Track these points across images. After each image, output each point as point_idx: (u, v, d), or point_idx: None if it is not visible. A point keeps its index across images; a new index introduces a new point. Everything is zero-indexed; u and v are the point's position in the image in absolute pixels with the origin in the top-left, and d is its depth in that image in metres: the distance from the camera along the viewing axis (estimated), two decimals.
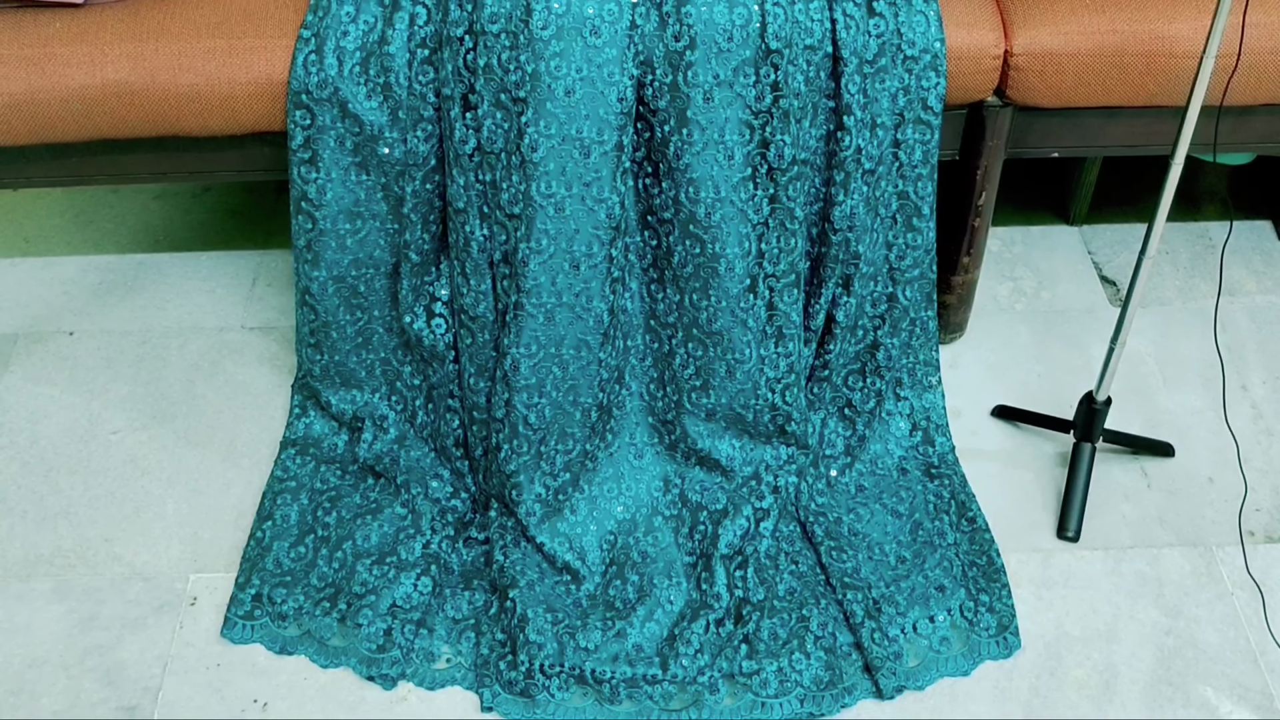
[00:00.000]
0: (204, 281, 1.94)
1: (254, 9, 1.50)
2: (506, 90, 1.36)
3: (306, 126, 1.45)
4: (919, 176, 1.50)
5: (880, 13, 1.41)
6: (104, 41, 1.47)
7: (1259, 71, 1.50)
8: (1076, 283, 1.91)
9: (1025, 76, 1.52)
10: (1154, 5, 1.51)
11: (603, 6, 1.35)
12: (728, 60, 1.36)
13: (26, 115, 1.48)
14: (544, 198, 1.38)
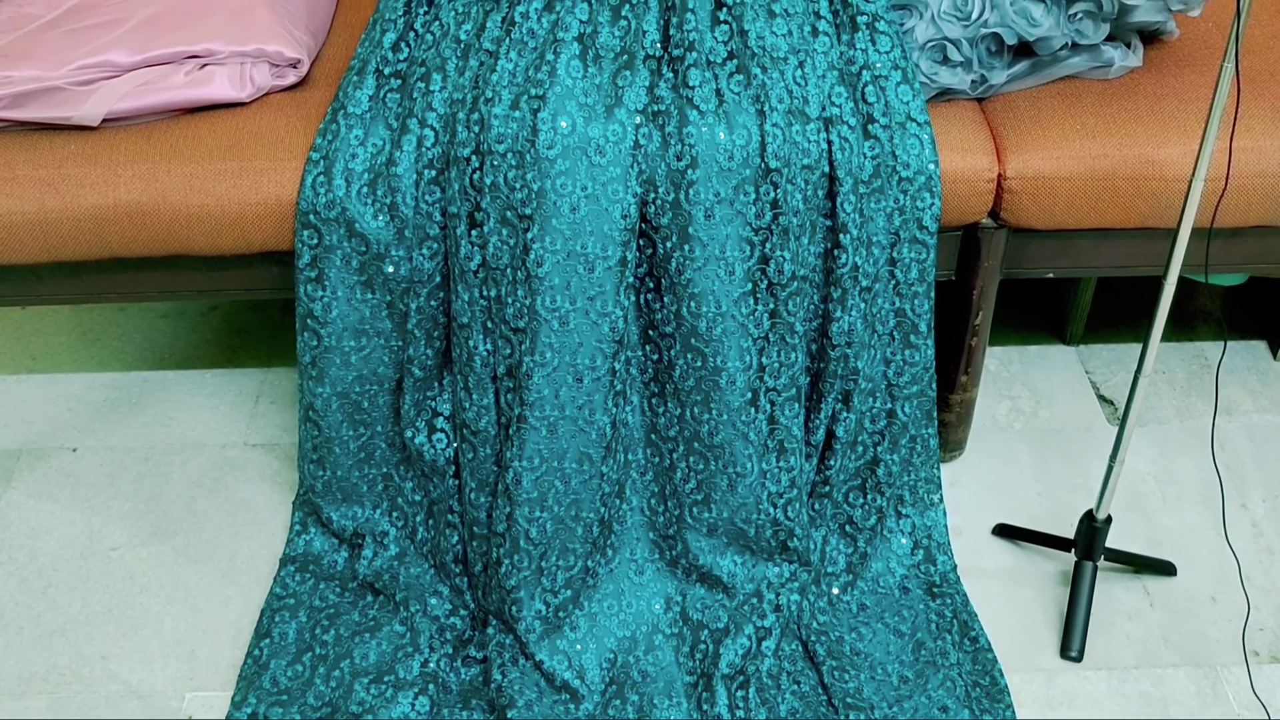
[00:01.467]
0: (208, 399, 1.95)
1: (265, 132, 1.54)
2: (512, 208, 1.39)
3: (314, 246, 1.48)
4: (915, 294, 1.52)
5: (875, 135, 1.45)
6: (117, 163, 1.50)
7: (1248, 194, 1.54)
8: (1074, 402, 1.92)
9: (1019, 199, 1.55)
10: (1143, 131, 1.54)
11: (607, 127, 1.38)
12: (728, 179, 1.39)
13: (39, 234, 1.51)
14: (549, 312, 1.40)
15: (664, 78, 1.43)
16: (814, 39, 1.48)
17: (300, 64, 1.61)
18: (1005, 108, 1.59)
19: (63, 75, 1.52)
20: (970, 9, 1.53)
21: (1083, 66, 1.60)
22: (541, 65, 1.41)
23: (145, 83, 1.53)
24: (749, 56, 1.43)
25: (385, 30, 1.53)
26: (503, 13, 1.48)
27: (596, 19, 1.45)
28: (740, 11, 1.45)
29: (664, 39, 1.45)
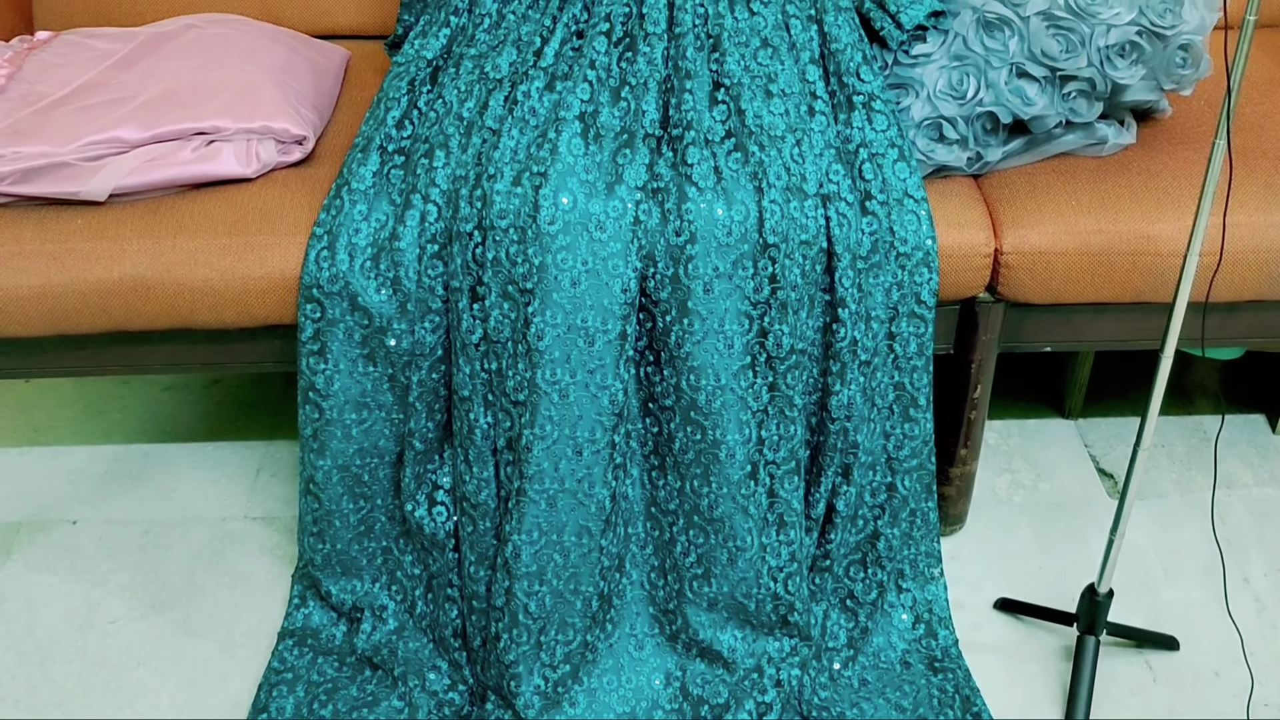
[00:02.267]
0: (209, 472, 1.95)
1: (270, 207, 1.56)
2: (514, 282, 1.41)
3: (317, 319, 1.49)
4: (914, 368, 1.53)
5: (873, 211, 1.47)
6: (123, 237, 1.52)
7: (1242, 269, 1.55)
8: (1074, 475, 1.93)
9: (1015, 274, 1.57)
10: (1138, 206, 1.56)
11: (607, 203, 1.40)
12: (727, 254, 1.40)
13: (44, 307, 1.52)
14: (549, 384, 1.41)
15: (663, 156, 1.45)
16: (811, 118, 1.50)
17: (305, 141, 1.63)
18: (1001, 184, 1.61)
19: (71, 151, 1.54)
20: (965, 88, 1.55)
21: (1077, 144, 1.62)
22: (544, 143, 1.44)
23: (152, 159, 1.55)
24: (747, 135, 1.45)
25: (389, 108, 1.56)
26: (505, 92, 1.50)
27: (597, 99, 1.47)
28: (738, 92, 1.47)
29: (663, 118, 1.47)
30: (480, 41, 1.58)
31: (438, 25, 1.63)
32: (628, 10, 1.53)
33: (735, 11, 1.54)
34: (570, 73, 1.49)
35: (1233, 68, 1.26)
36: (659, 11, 1.52)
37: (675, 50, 1.51)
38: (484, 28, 1.59)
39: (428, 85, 1.58)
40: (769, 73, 1.51)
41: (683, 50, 1.50)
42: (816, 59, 1.56)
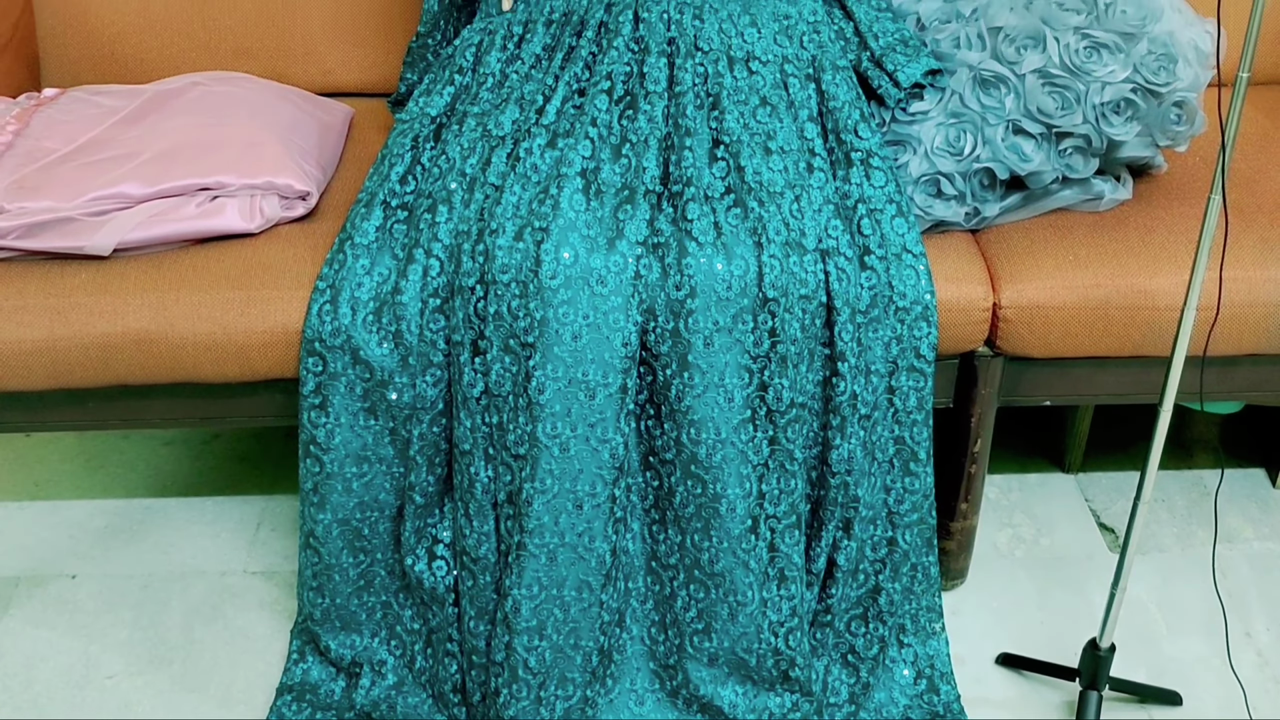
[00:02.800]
0: (209, 526, 1.95)
1: (272, 262, 1.57)
2: (515, 336, 1.41)
3: (319, 373, 1.49)
4: (914, 422, 1.53)
5: (872, 266, 1.48)
6: (127, 291, 1.53)
7: (1240, 323, 1.56)
8: (1075, 530, 1.92)
9: (1014, 328, 1.57)
10: (1135, 261, 1.57)
11: (608, 258, 1.41)
12: (727, 308, 1.41)
13: (47, 361, 1.53)
14: (549, 438, 1.42)
15: (664, 211, 1.47)
16: (809, 174, 1.52)
17: (309, 196, 1.65)
18: (999, 239, 1.62)
19: (76, 206, 1.55)
20: (963, 145, 1.57)
21: (1074, 199, 1.63)
22: (545, 199, 1.45)
23: (157, 214, 1.57)
24: (746, 191, 1.46)
25: (393, 164, 1.57)
26: (508, 149, 1.52)
27: (599, 155, 1.49)
28: (737, 149, 1.49)
29: (664, 175, 1.49)
30: (484, 100, 1.59)
31: (442, 83, 1.65)
32: (629, 69, 1.55)
33: (734, 71, 1.56)
34: (572, 130, 1.51)
35: (1227, 124, 1.28)
36: (660, 70, 1.54)
37: (675, 108, 1.52)
38: (487, 86, 1.61)
39: (431, 142, 1.60)
40: (768, 130, 1.52)
41: (683, 108, 1.52)
42: (815, 116, 1.58)
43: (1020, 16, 1.58)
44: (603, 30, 1.58)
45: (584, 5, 1.60)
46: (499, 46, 1.64)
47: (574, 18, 1.60)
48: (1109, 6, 1.54)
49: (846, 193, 1.52)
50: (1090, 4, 1.55)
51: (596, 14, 1.59)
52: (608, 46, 1.55)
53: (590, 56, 1.57)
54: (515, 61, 1.62)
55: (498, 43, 1.64)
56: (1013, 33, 1.57)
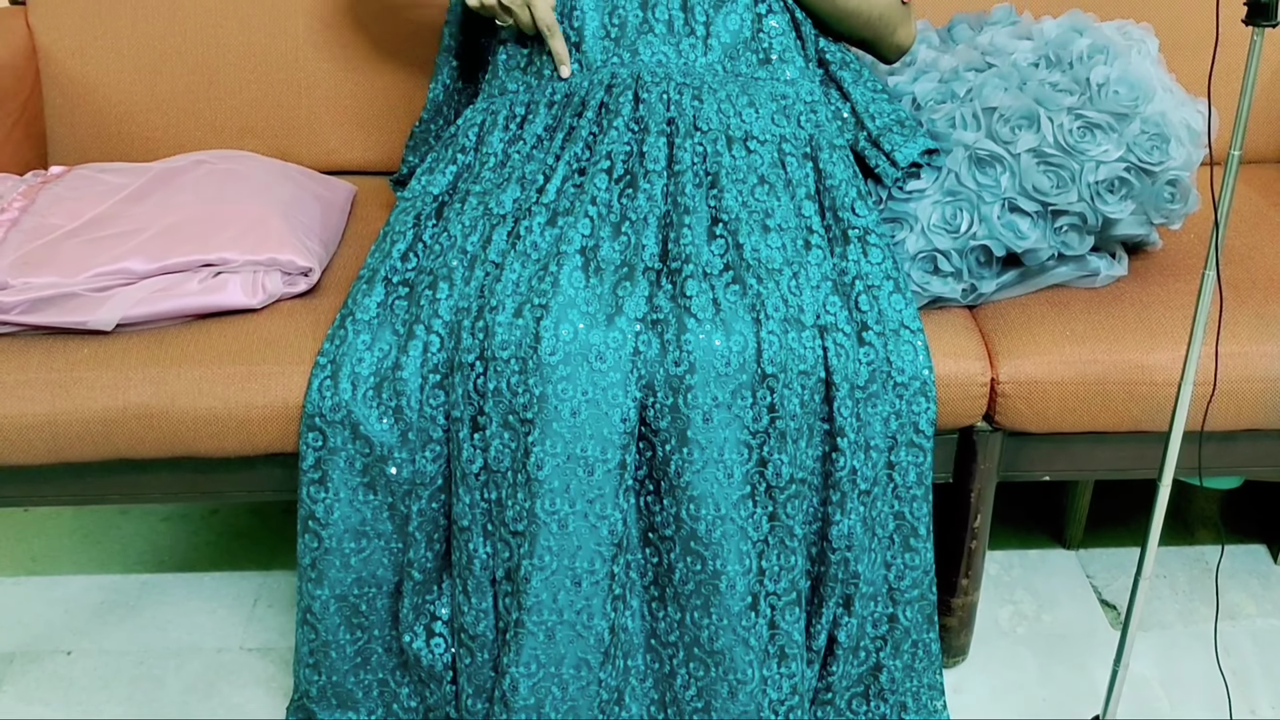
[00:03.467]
0: (206, 602, 1.94)
1: (274, 337, 1.58)
2: (515, 412, 1.42)
3: (318, 448, 1.50)
4: (914, 498, 1.53)
5: (870, 342, 1.49)
6: (128, 366, 1.54)
7: (1237, 398, 1.56)
8: (1076, 606, 1.91)
9: (1012, 403, 1.58)
10: (1131, 337, 1.58)
11: (608, 334, 1.42)
12: (726, 384, 1.42)
13: (47, 436, 1.53)
14: (548, 514, 1.41)
15: (663, 288, 1.48)
16: (807, 251, 1.53)
17: (311, 272, 1.66)
18: (996, 315, 1.63)
19: (80, 282, 1.56)
20: (959, 222, 1.58)
21: (1070, 276, 1.65)
22: (545, 276, 1.46)
23: (160, 289, 1.58)
24: (744, 268, 1.48)
25: (395, 241, 1.59)
26: (508, 227, 1.53)
27: (598, 233, 1.50)
28: (735, 227, 1.50)
29: (663, 252, 1.50)
30: (486, 179, 1.61)
31: (445, 162, 1.67)
32: (629, 149, 1.57)
33: (733, 150, 1.58)
34: (572, 208, 1.52)
35: (1219, 201, 1.29)
36: (659, 150, 1.56)
37: (675, 187, 1.54)
38: (490, 165, 1.63)
39: (433, 220, 1.61)
40: (766, 208, 1.54)
41: (682, 187, 1.53)
42: (812, 194, 1.59)
43: (1014, 97, 1.60)
44: (603, 111, 1.60)
45: (585, 87, 1.63)
46: (501, 126, 1.66)
47: (575, 99, 1.63)
48: (1101, 87, 1.56)
49: (844, 269, 1.53)
50: (1083, 85, 1.58)
51: (597, 95, 1.61)
52: (608, 126, 1.58)
53: (591, 136, 1.59)
54: (517, 141, 1.64)
55: (500, 123, 1.66)
56: (1007, 113, 1.59)
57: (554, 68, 1.65)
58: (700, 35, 1.63)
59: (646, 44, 1.62)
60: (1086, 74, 1.58)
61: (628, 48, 1.63)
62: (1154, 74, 1.59)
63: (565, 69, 1.64)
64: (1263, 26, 1.27)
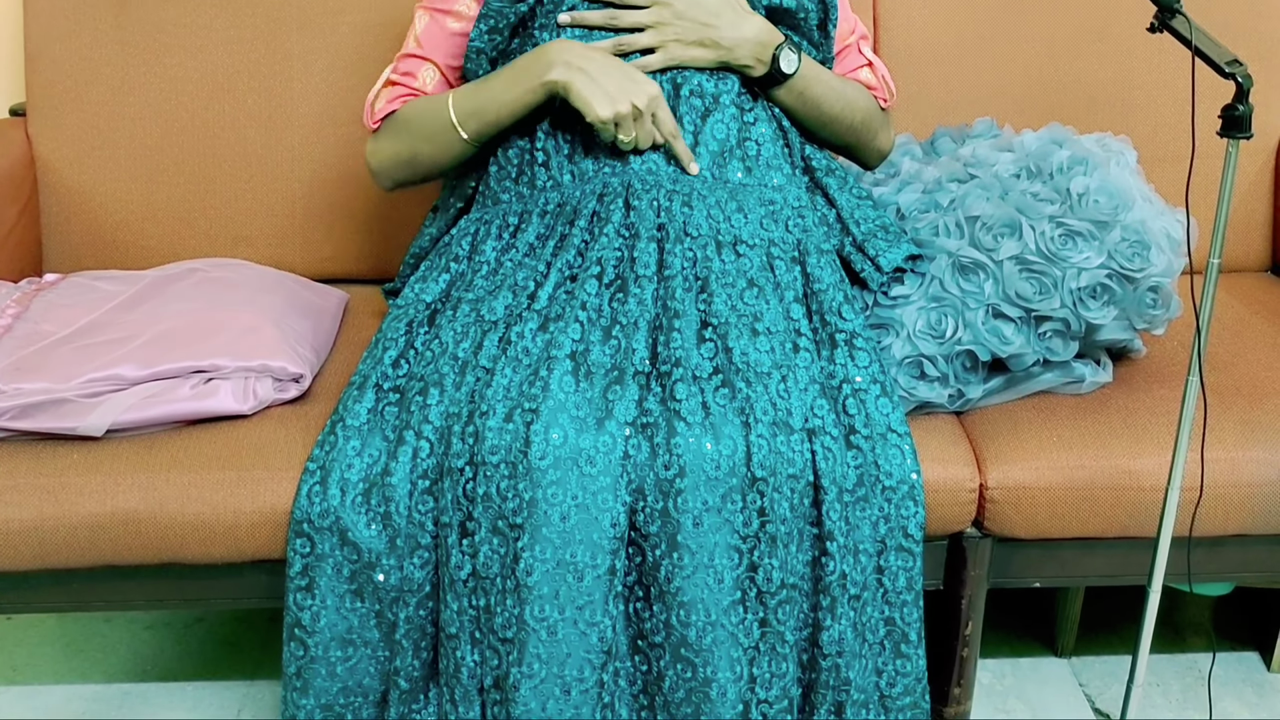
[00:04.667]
0: (188, 712, 1.91)
1: (264, 443, 1.58)
2: (504, 517, 1.41)
3: (305, 554, 1.49)
4: (904, 603, 1.53)
5: (858, 446, 1.49)
6: (118, 471, 1.54)
7: (1225, 503, 1.57)
8: (1070, 715, 1.89)
9: (1001, 509, 1.58)
10: (1118, 443, 1.59)
11: (598, 438, 1.43)
12: (716, 488, 1.42)
13: (34, 541, 1.52)
14: (537, 621, 1.41)
15: (652, 392, 1.49)
16: (795, 355, 1.54)
17: (302, 379, 1.67)
18: (983, 421, 1.64)
19: (71, 388, 1.57)
20: (944, 328, 1.60)
21: (1055, 382, 1.66)
22: (535, 380, 1.47)
23: (151, 395, 1.58)
24: (734, 372, 1.49)
25: (387, 347, 1.60)
26: (500, 333, 1.55)
27: (588, 338, 1.52)
28: (725, 331, 1.52)
29: (652, 356, 1.51)
30: (478, 286, 1.63)
31: (438, 271, 1.69)
32: (620, 254, 1.59)
33: (722, 255, 1.60)
34: (563, 314, 1.54)
35: (1200, 307, 1.31)
36: (650, 255, 1.58)
37: (665, 291, 1.56)
38: (482, 273, 1.65)
39: (425, 326, 1.63)
40: (755, 311, 1.55)
41: (672, 291, 1.55)
42: (800, 298, 1.61)
43: (996, 206, 1.63)
44: (595, 219, 1.63)
45: (577, 197, 1.66)
46: (495, 235, 1.68)
47: (568, 208, 1.65)
48: (1081, 197, 1.59)
49: (831, 373, 1.55)
50: (1063, 194, 1.61)
51: (589, 204, 1.64)
52: (599, 233, 1.60)
53: (583, 244, 1.61)
54: (510, 249, 1.66)
55: (493, 232, 1.69)
56: (990, 221, 1.62)
57: (548, 178, 1.68)
58: (689, 144, 1.67)
59: (637, 153, 1.66)
60: (1067, 184, 1.61)
61: (619, 156, 1.66)
62: (1133, 184, 1.63)
63: (694, 166, 1.65)
64: (1238, 138, 1.31)
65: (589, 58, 1.61)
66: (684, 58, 1.66)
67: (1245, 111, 1.30)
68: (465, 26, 1.70)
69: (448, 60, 1.73)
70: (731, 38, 1.65)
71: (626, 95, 1.58)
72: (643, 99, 1.59)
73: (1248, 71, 1.30)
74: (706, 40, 1.65)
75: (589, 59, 1.60)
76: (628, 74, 1.61)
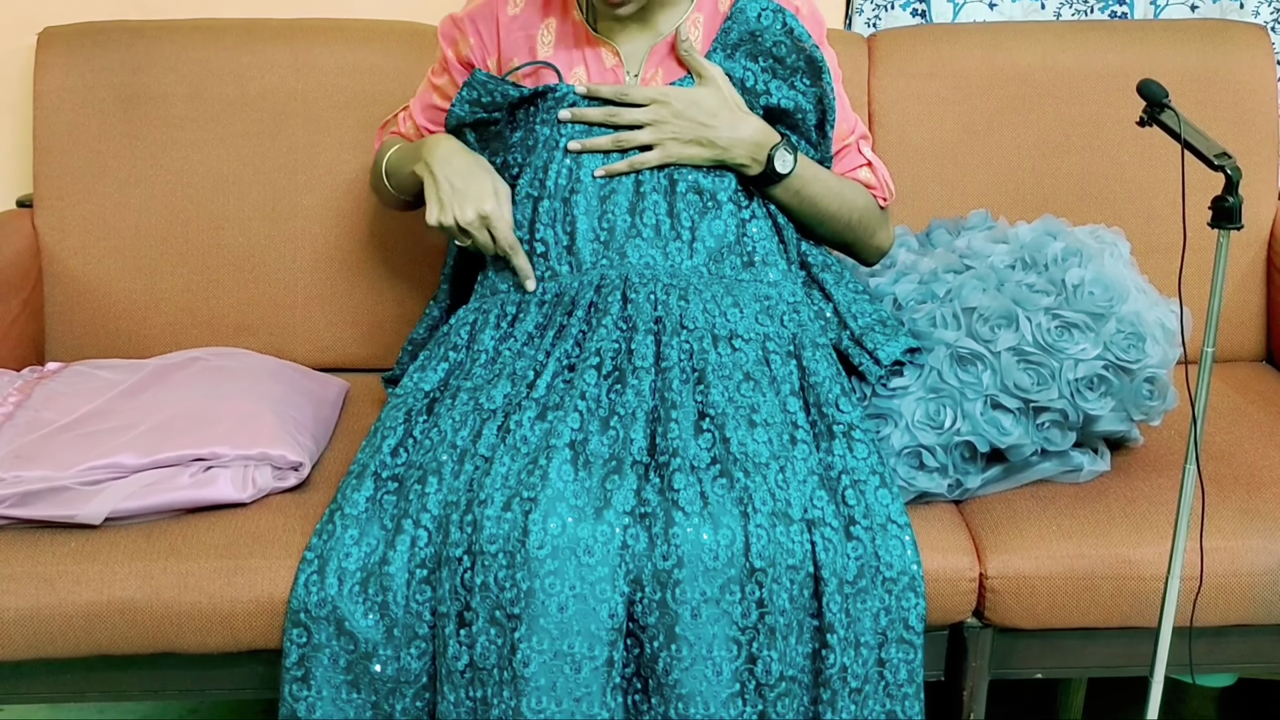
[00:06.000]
0: None
1: (263, 531, 1.58)
2: (501, 607, 1.41)
3: (302, 644, 1.48)
4: (905, 696, 1.51)
5: (857, 537, 1.49)
6: (115, 560, 1.53)
7: (1226, 593, 1.56)
8: None
9: (1002, 599, 1.58)
10: (1118, 532, 1.59)
11: (595, 528, 1.42)
12: (714, 578, 1.41)
13: (29, 631, 1.51)
14: (534, 713, 1.39)
15: (650, 482, 1.49)
16: (793, 447, 1.54)
17: (302, 467, 1.67)
18: (982, 509, 1.64)
19: (71, 475, 1.57)
20: (943, 419, 1.61)
21: (1054, 471, 1.66)
22: (534, 470, 1.47)
23: (150, 483, 1.58)
24: (732, 462, 1.49)
25: (386, 436, 1.60)
26: (499, 422, 1.55)
27: (587, 428, 1.52)
28: (722, 421, 1.52)
29: (650, 446, 1.52)
30: (477, 375, 1.64)
31: (437, 360, 1.70)
32: (617, 346, 1.61)
33: (719, 348, 1.61)
34: (562, 403, 1.55)
35: (1196, 396, 1.32)
36: (647, 347, 1.59)
37: (662, 383, 1.57)
38: (481, 362, 1.66)
39: (424, 415, 1.63)
40: (752, 403, 1.56)
41: (669, 383, 1.56)
42: (796, 391, 1.62)
43: (992, 298, 1.64)
44: (593, 310, 1.64)
45: (575, 288, 1.67)
46: (493, 325, 1.69)
47: (565, 298, 1.67)
48: (1076, 288, 1.61)
49: (830, 464, 1.55)
50: (1059, 286, 1.62)
51: (587, 295, 1.65)
52: (597, 325, 1.61)
53: (580, 334, 1.63)
54: (509, 339, 1.68)
55: (492, 321, 1.70)
56: (986, 312, 1.63)
57: (546, 268, 1.70)
58: (686, 240, 1.69)
59: (635, 247, 1.68)
60: (1062, 275, 1.63)
61: (617, 250, 1.68)
62: (1127, 275, 1.65)
63: (530, 283, 1.70)
64: (1228, 229, 1.33)
65: (448, 161, 1.70)
66: (680, 156, 1.69)
67: (1235, 203, 1.32)
68: (447, 103, 1.79)
69: (426, 125, 1.84)
70: (728, 138, 1.68)
71: (455, 208, 1.67)
72: (470, 215, 1.66)
73: (1236, 164, 1.32)
74: (703, 139, 1.68)
75: (447, 163, 1.70)
76: (472, 186, 1.68)
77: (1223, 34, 2.12)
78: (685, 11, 1.72)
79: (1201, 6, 2.26)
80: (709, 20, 1.72)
